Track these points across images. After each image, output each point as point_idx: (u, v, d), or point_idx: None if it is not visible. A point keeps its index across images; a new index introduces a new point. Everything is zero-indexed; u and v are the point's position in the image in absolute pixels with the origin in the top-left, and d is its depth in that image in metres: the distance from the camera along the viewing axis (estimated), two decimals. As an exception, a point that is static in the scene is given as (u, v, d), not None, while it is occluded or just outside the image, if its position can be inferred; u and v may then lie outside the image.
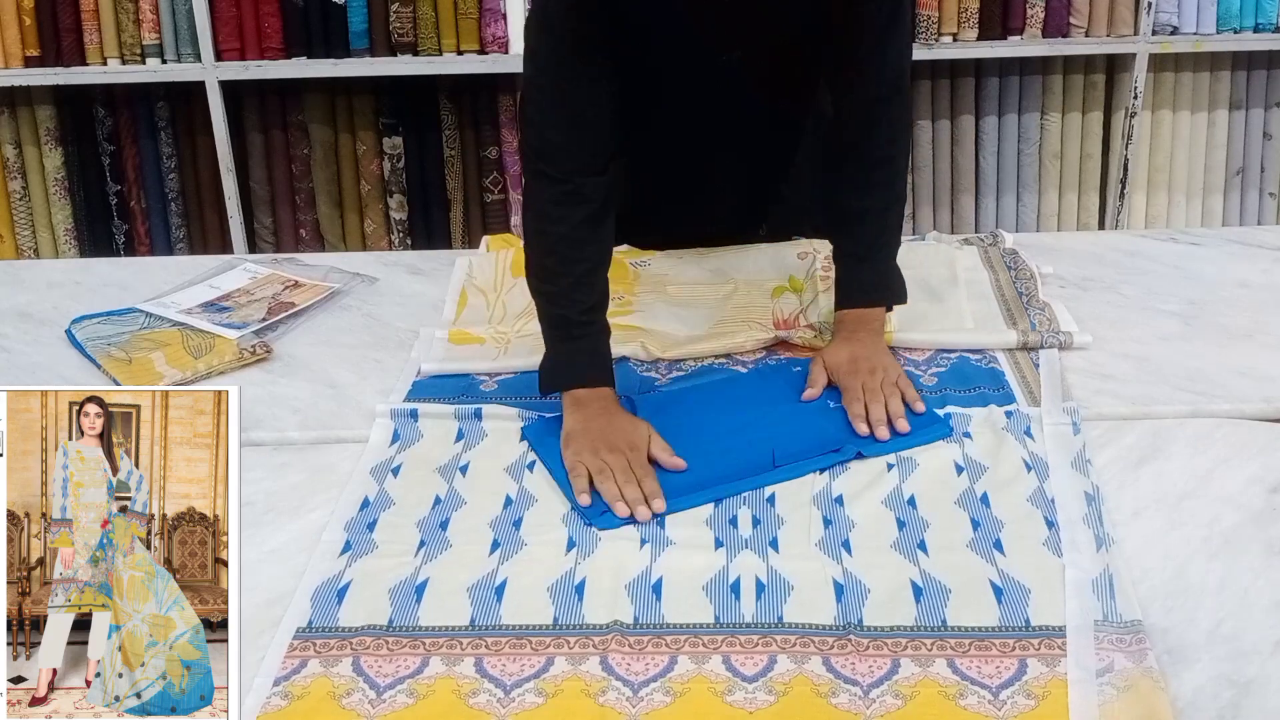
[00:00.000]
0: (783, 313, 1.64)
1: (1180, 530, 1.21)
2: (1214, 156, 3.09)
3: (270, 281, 1.82)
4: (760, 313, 1.64)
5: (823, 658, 1.06)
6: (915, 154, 3.05)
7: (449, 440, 1.40)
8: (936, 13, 2.87)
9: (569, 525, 1.25)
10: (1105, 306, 1.68)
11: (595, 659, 1.06)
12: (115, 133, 3.05)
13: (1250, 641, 1.06)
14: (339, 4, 2.86)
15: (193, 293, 1.79)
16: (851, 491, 1.28)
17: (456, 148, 3.05)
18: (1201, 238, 1.93)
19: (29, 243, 3.10)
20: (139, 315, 1.72)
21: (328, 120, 3.04)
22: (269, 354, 1.60)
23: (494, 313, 1.70)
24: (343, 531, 1.25)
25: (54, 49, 2.89)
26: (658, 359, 1.56)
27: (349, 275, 1.84)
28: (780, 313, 1.64)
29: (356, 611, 1.13)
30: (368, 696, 1.03)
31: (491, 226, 3.06)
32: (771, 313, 1.64)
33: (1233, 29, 2.90)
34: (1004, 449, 1.34)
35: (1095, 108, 3.04)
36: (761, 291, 1.69)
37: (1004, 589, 1.13)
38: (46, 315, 1.76)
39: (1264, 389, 1.46)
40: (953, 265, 1.78)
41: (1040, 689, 1.02)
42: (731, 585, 1.15)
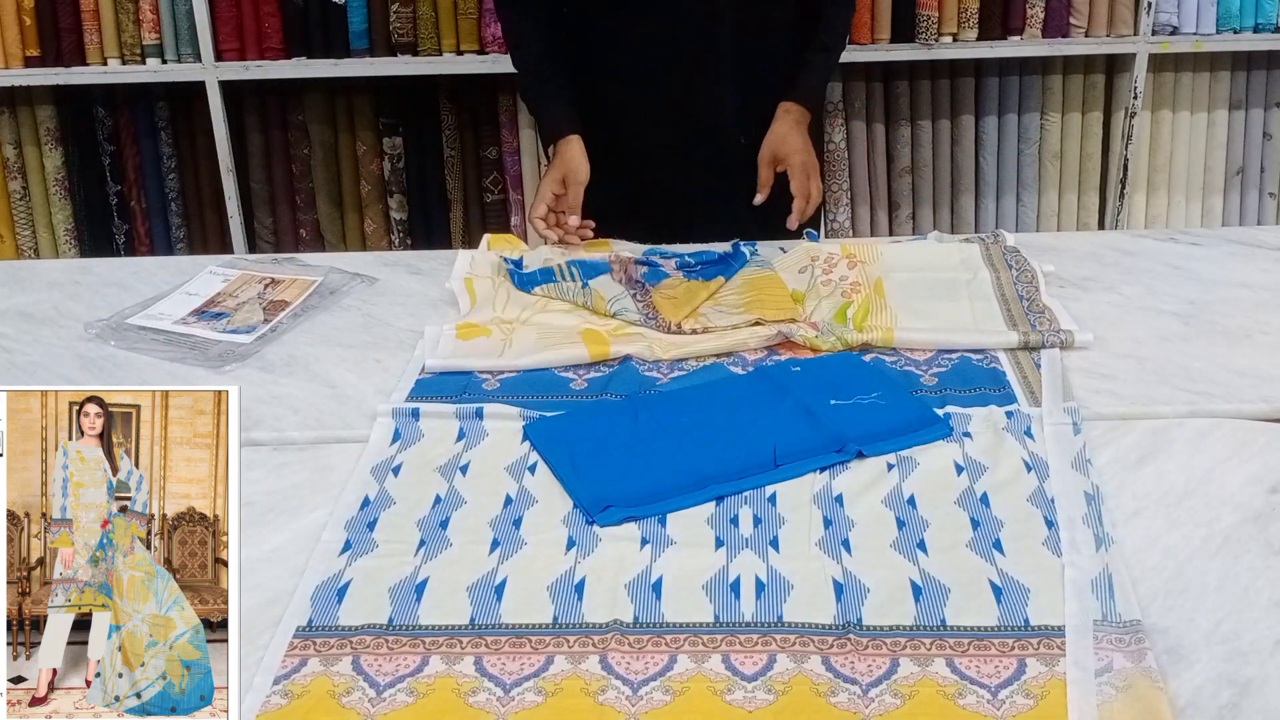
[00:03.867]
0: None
1: (1180, 530, 1.21)
2: (1214, 156, 3.09)
3: (246, 282, 1.81)
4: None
5: (822, 657, 1.06)
6: (915, 154, 3.06)
7: (450, 439, 1.40)
8: (936, 13, 2.87)
9: (569, 525, 1.25)
10: (1105, 306, 1.68)
11: (595, 658, 1.07)
12: (115, 133, 3.05)
13: (1250, 641, 1.06)
14: (339, 4, 2.86)
15: (175, 301, 1.76)
16: (851, 491, 1.28)
17: (456, 148, 3.05)
18: (1201, 238, 1.93)
19: (29, 243, 3.11)
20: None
21: (328, 120, 3.04)
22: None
23: (498, 302, 1.70)
24: (343, 531, 1.25)
25: (54, 49, 2.90)
26: (660, 359, 1.57)
27: (331, 268, 1.84)
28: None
29: (356, 610, 1.13)
30: (367, 695, 1.04)
31: (491, 226, 3.06)
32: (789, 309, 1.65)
33: (1233, 29, 2.91)
34: (1004, 449, 1.34)
35: (1095, 108, 3.04)
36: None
37: (1003, 589, 1.13)
38: (46, 315, 1.76)
39: (1264, 389, 1.46)
40: (954, 265, 1.79)
41: (1039, 689, 1.02)
42: (731, 584, 1.15)
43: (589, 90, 1.93)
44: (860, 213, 3.09)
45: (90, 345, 1.66)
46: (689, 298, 1.70)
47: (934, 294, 1.70)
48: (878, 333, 1.59)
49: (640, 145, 1.95)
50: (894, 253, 1.82)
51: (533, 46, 1.96)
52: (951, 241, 1.89)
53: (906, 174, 3.07)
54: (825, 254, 1.79)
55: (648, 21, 1.85)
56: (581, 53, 1.91)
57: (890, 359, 1.56)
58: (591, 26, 1.89)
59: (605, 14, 1.87)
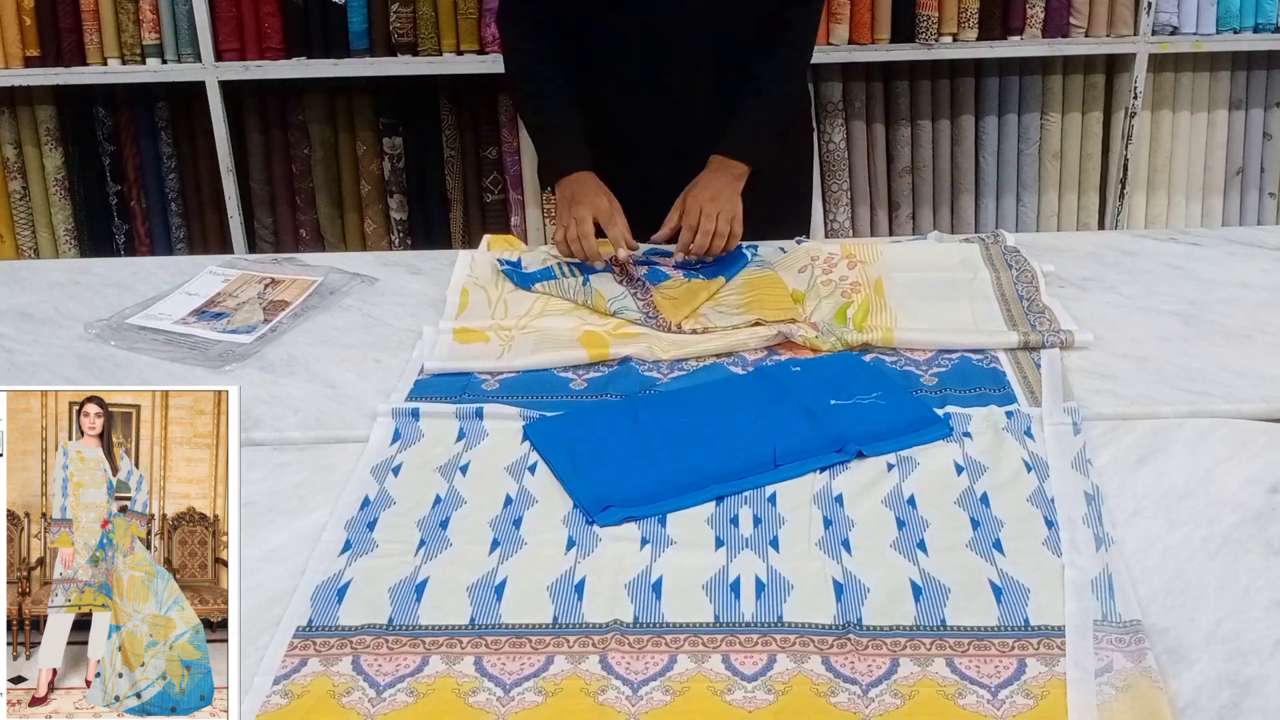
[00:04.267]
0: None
1: (1180, 530, 1.21)
2: (1214, 156, 3.09)
3: (247, 282, 1.81)
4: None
5: (822, 657, 1.06)
6: (915, 154, 3.06)
7: (450, 439, 1.40)
8: (936, 13, 2.87)
9: (569, 525, 1.25)
10: (1105, 306, 1.68)
11: (595, 658, 1.07)
12: (115, 133, 3.05)
13: (1250, 641, 1.06)
14: (339, 4, 2.86)
15: (175, 301, 1.76)
16: (852, 491, 1.28)
17: (456, 148, 3.05)
18: (1201, 238, 1.93)
19: (29, 243, 3.10)
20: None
21: (328, 120, 3.04)
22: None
23: (495, 309, 1.70)
24: (343, 531, 1.25)
25: (54, 49, 2.89)
26: (659, 359, 1.57)
27: (331, 268, 1.84)
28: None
29: (356, 610, 1.13)
30: (367, 695, 1.04)
31: (491, 226, 3.06)
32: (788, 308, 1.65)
33: (1233, 29, 2.91)
34: (1004, 449, 1.34)
35: (1095, 108, 3.04)
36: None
37: (1003, 589, 1.13)
38: (46, 315, 1.76)
39: (1264, 389, 1.46)
40: (954, 265, 1.79)
41: (1039, 689, 1.02)
42: (731, 584, 1.15)
43: (588, 91, 1.93)
44: (860, 213, 3.09)
45: (90, 345, 1.66)
46: (689, 298, 1.70)
47: (934, 294, 1.70)
48: (878, 333, 1.59)
49: (639, 146, 1.95)
50: (894, 253, 1.83)
51: (533, 61, 1.92)
52: (951, 241, 1.89)
53: (906, 174, 3.07)
54: (825, 254, 1.79)
55: (647, 22, 1.85)
56: (581, 53, 1.91)
57: (890, 359, 1.56)
58: (591, 27, 1.89)
59: (605, 14, 1.87)
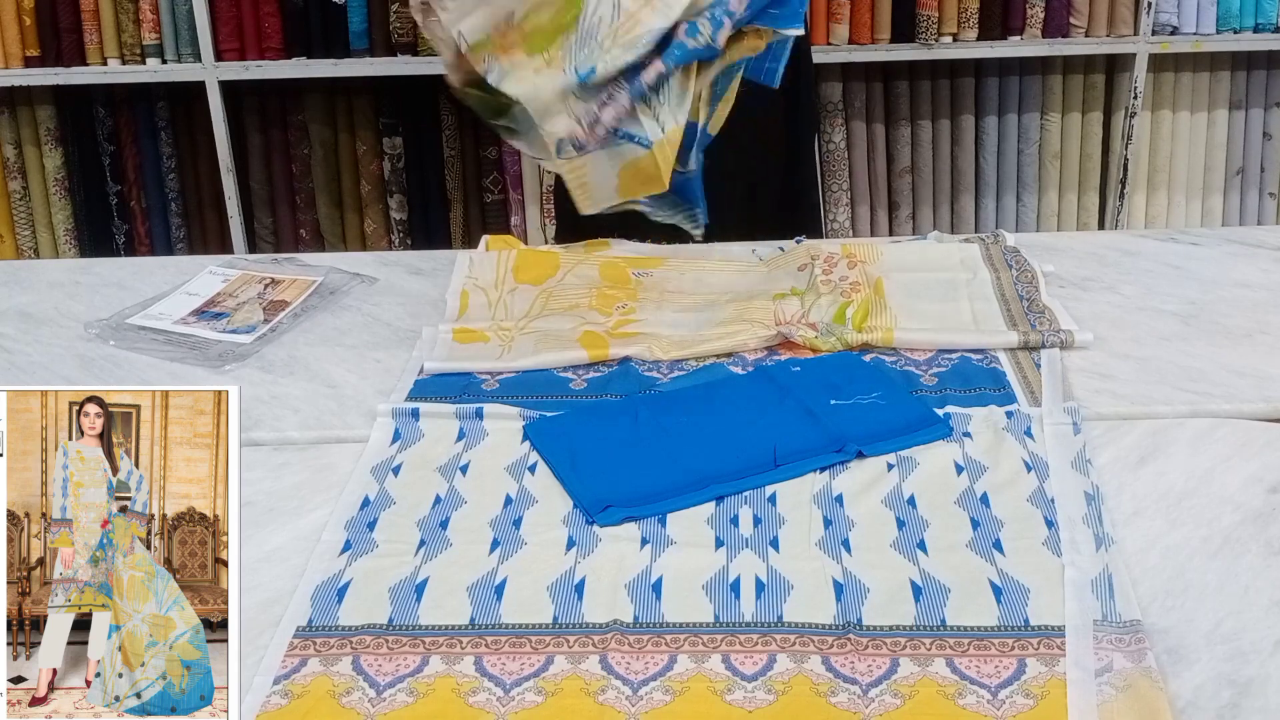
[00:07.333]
0: (785, 313, 1.64)
1: (1180, 530, 1.21)
2: (1214, 156, 3.09)
3: (246, 282, 1.81)
4: (762, 313, 1.64)
5: (822, 657, 1.06)
6: (915, 154, 3.06)
7: (450, 439, 1.40)
8: (936, 13, 2.87)
9: (569, 525, 1.25)
10: (1105, 306, 1.68)
11: (595, 658, 1.07)
12: (115, 133, 3.06)
13: (1250, 641, 1.06)
14: (339, 4, 2.86)
15: (175, 301, 1.75)
16: (851, 491, 1.28)
17: (456, 148, 3.05)
18: (1201, 238, 1.93)
19: (29, 243, 3.11)
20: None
21: (327, 120, 3.04)
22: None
23: (496, 311, 1.70)
24: (343, 531, 1.25)
25: (54, 49, 2.90)
26: (659, 359, 1.57)
27: (331, 268, 1.84)
28: (782, 314, 1.64)
29: (356, 610, 1.13)
30: (367, 695, 1.04)
31: (491, 226, 3.06)
32: (774, 313, 1.64)
33: (1233, 29, 2.91)
34: (1004, 449, 1.34)
35: (1095, 108, 3.04)
36: (764, 296, 1.70)
37: (1003, 589, 1.13)
38: (46, 315, 1.76)
39: (1264, 389, 1.46)
40: (954, 265, 1.79)
41: (1039, 689, 1.02)
42: (731, 584, 1.15)
43: None
44: (860, 213, 3.09)
45: (90, 345, 1.66)
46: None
47: (934, 294, 1.70)
48: (878, 333, 1.59)
49: None
50: (894, 253, 1.82)
51: None
52: (951, 241, 1.89)
53: (906, 174, 3.07)
54: (825, 254, 1.79)
55: None
56: None
57: (890, 359, 1.56)
58: None
59: None
